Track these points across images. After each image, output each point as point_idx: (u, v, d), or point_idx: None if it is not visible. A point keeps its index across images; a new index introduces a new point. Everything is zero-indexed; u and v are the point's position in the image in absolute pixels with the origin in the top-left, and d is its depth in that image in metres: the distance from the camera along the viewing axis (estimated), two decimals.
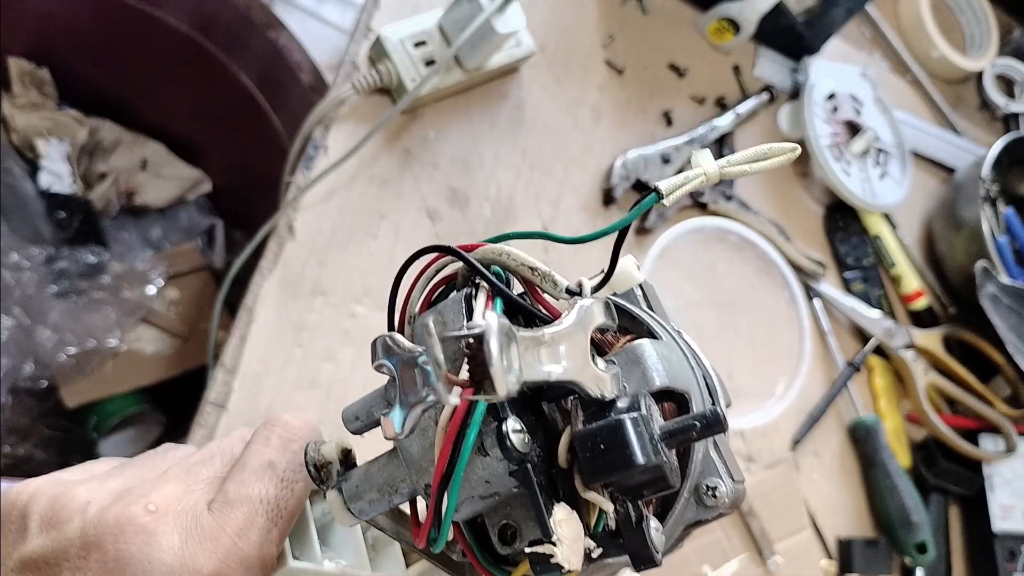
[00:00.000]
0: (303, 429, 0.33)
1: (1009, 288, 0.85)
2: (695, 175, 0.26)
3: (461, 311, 0.27)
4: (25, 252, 1.00)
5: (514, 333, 0.23)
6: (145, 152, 1.16)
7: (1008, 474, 0.85)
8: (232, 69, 1.01)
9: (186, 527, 0.29)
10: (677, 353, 0.28)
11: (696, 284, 0.79)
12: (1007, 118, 1.08)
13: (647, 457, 0.23)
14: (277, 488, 0.30)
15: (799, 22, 0.88)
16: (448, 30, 0.69)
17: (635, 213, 0.26)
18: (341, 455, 0.30)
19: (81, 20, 1.01)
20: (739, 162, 0.27)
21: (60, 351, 0.98)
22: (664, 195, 0.26)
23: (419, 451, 0.27)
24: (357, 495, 0.29)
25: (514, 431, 0.24)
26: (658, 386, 0.26)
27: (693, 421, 0.24)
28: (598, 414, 0.25)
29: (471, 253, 0.28)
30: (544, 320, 0.28)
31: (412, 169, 0.71)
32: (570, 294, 0.28)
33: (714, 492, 0.27)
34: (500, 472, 0.25)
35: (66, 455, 1.04)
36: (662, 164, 0.80)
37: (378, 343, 0.25)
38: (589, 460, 0.24)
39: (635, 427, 0.24)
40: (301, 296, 0.64)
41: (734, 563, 0.73)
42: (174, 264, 1.10)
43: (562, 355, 0.25)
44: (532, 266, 0.28)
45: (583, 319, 0.26)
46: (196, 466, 0.31)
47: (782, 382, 0.76)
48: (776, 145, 0.27)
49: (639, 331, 0.29)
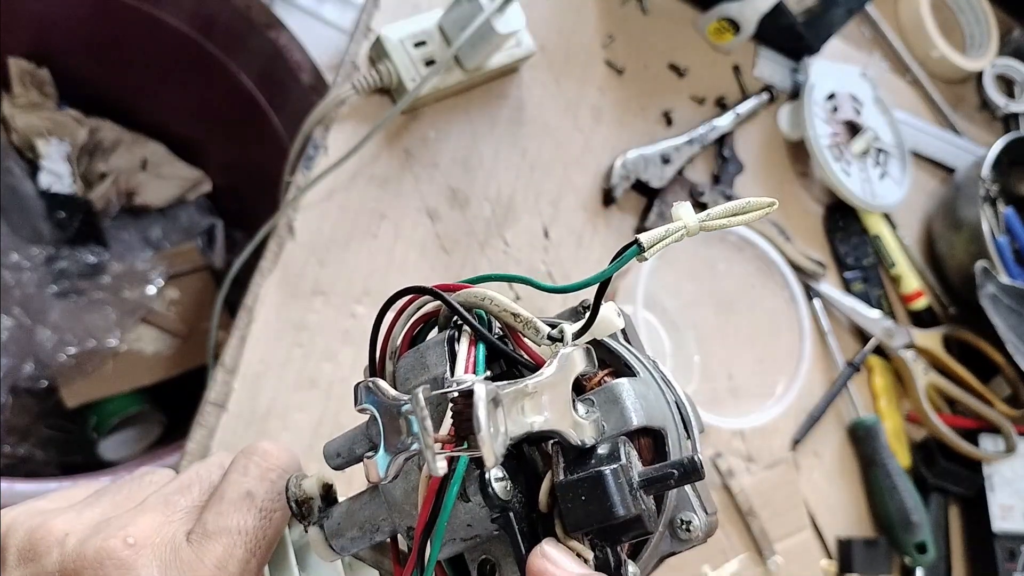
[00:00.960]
0: (281, 457, 0.33)
1: (1009, 288, 0.85)
2: (675, 228, 0.27)
3: (444, 354, 0.27)
4: (25, 252, 1.00)
5: (500, 396, 0.23)
6: (145, 152, 1.16)
7: (1008, 474, 0.85)
8: (232, 69, 1.01)
9: (165, 560, 0.28)
10: (654, 388, 0.29)
11: (696, 284, 0.79)
12: (1007, 118, 1.08)
13: (627, 508, 0.24)
14: (256, 519, 0.30)
15: (799, 22, 0.88)
16: (448, 30, 0.69)
17: (616, 266, 0.27)
18: (322, 490, 0.30)
19: (81, 20, 1.01)
20: (718, 215, 0.27)
21: (60, 351, 0.98)
22: (645, 248, 0.26)
23: (402, 494, 0.27)
24: (338, 532, 0.29)
25: (496, 479, 0.25)
26: (635, 426, 0.27)
27: (671, 470, 0.25)
28: (579, 461, 0.25)
29: (453, 295, 0.28)
30: (526, 366, 0.28)
31: (412, 169, 0.71)
32: (551, 340, 0.28)
33: (688, 526, 0.27)
34: (482, 517, 0.26)
35: (66, 455, 1.04)
36: (662, 164, 0.80)
37: (361, 387, 0.25)
38: (570, 511, 0.25)
39: (615, 479, 0.24)
40: (301, 296, 0.64)
41: (734, 563, 0.73)
42: (174, 264, 1.10)
43: (544, 405, 0.25)
44: (515, 312, 0.28)
45: (564, 367, 0.26)
46: (174, 495, 0.31)
47: (782, 382, 0.76)
48: (755, 200, 0.27)
49: (617, 364, 0.30)
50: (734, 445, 0.77)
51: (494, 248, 0.72)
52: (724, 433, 0.77)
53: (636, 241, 0.26)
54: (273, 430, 0.61)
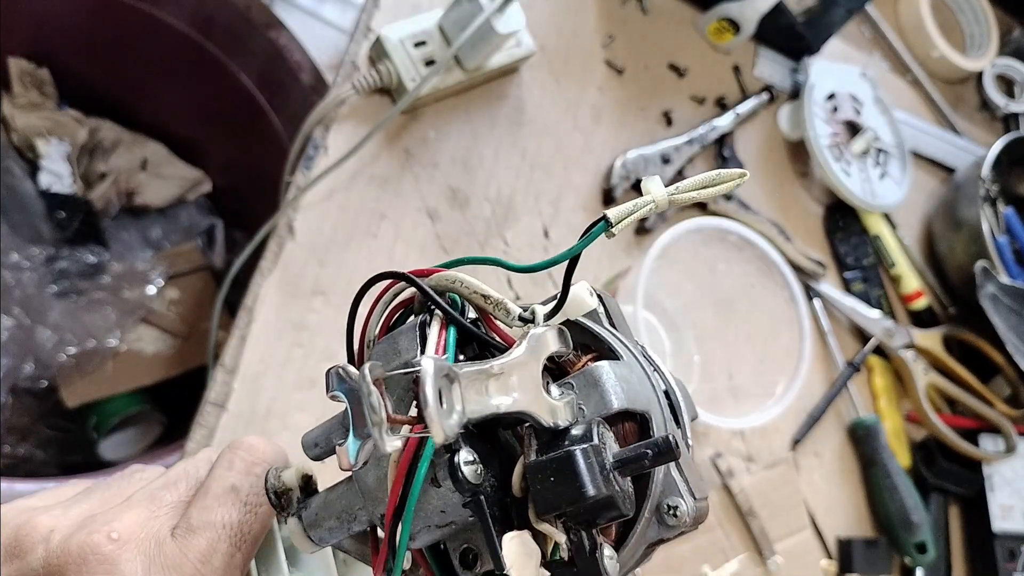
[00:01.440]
0: (267, 451, 0.33)
1: (1009, 288, 0.85)
2: (644, 202, 0.27)
3: (415, 339, 0.27)
4: (25, 252, 1.00)
5: (455, 373, 0.23)
6: (145, 152, 1.16)
7: (1008, 474, 0.85)
8: (232, 69, 1.01)
9: (149, 555, 0.28)
10: (638, 372, 0.28)
11: (696, 284, 0.79)
12: (1007, 118, 1.08)
13: (597, 489, 0.24)
14: (240, 513, 0.30)
15: (799, 22, 0.88)
16: (448, 30, 0.69)
17: (584, 242, 0.26)
18: (302, 481, 0.30)
19: (81, 20, 1.01)
20: (688, 188, 0.27)
21: (60, 351, 0.98)
22: (613, 223, 0.26)
23: (374, 481, 0.27)
24: (316, 523, 0.29)
25: (466, 463, 0.25)
26: (616, 408, 0.26)
27: (645, 450, 0.25)
28: (552, 443, 0.25)
29: (426, 279, 0.28)
30: (498, 348, 0.28)
31: (412, 169, 0.71)
32: (523, 322, 0.28)
33: (675, 512, 0.27)
34: (455, 503, 0.25)
35: (66, 455, 1.04)
36: (662, 164, 0.80)
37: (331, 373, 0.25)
38: (540, 492, 0.24)
39: (586, 458, 0.24)
40: (301, 296, 0.64)
41: (734, 563, 0.73)
42: (174, 264, 1.10)
43: (513, 386, 0.25)
44: (485, 294, 0.28)
45: (535, 348, 0.26)
46: (160, 491, 0.31)
47: (782, 382, 0.76)
48: (724, 171, 0.27)
49: (600, 349, 0.29)
50: (734, 445, 0.77)
51: (494, 248, 0.72)
52: (724, 433, 0.77)
53: (604, 217, 0.26)
54: (273, 430, 0.61)
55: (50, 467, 1.02)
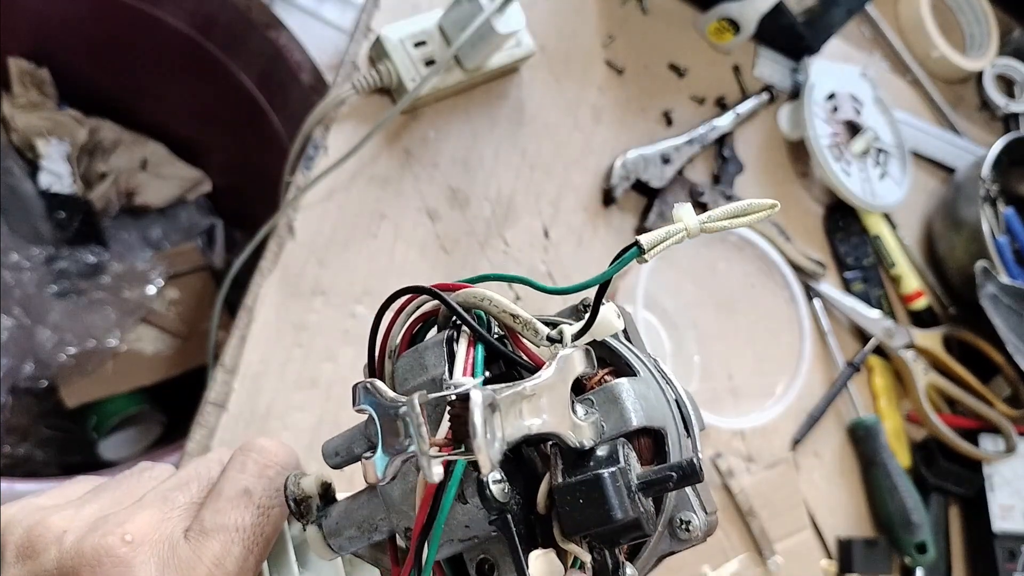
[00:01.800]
0: (279, 454, 0.33)
1: (1009, 288, 0.85)
2: (676, 230, 0.27)
3: (442, 355, 0.27)
4: (25, 252, 1.00)
5: (497, 402, 0.23)
6: (145, 152, 1.16)
7: (1008, 474, 0.85)
8: (232, 69, 1.01)
9: (163, 557, 0.29)
10: (654, 387, 0.29)
11: (696, 284, 0.79)
12: (1007, 118, 1.08)
13: (625, 513, 0.24)
14: (253, 516, 0.30)
15: (799, 22, 0.88)
16: (448, 30, 0.69)
17: (616, 268, 0.26)
18: (321, 489, 0.30)
19: (81, 20, 1.01)
20: (719, 217, 0.27)
21: (60, 351, 0.98)
22: (645, 250, 0.26)
23: (400, 495, 0.27)
24: (337, 531, 0.29)
25: (494, 482, 0.25)
26: (635, 426, 0.27)
27: (670, 472, 0.25)
28: (577, 463, 0.25)
29: (452, 295, 0.28)
30: (525, 367, 0.28)
31: (412, 169, 0.71)
32: (551, 342, 0.28)
33: (687, 526, 0.27)
34: (480, 519, 0.26)
35: (66, 455, 1.04)
36: (662, 164, 0.80)
37: (359, 388, 0.25)
38: (568, 514, 0.24)
39: (614, 482, 0.24)
40: (301, 296, 0.64)
41: (734, 563, 0.73)
42: (174, 264, 1.10)
43: (543, 407, 0.25)
44: (514, 313, 0.28)
45: (563, 369, 0.26)
46: (172, 492, 0.31)
47: (782, 382, 0.76)
48: (756, 202, 0.27)
49: (617, 364, 0.29)
50: (734, 445, 0.77)
51: (494, 248, 0.72)
52: (724, 433, 0.77)
53: (637, 243, 0.26)
54: (273, 430, 0.61)
55: (50, 467, 1.02)
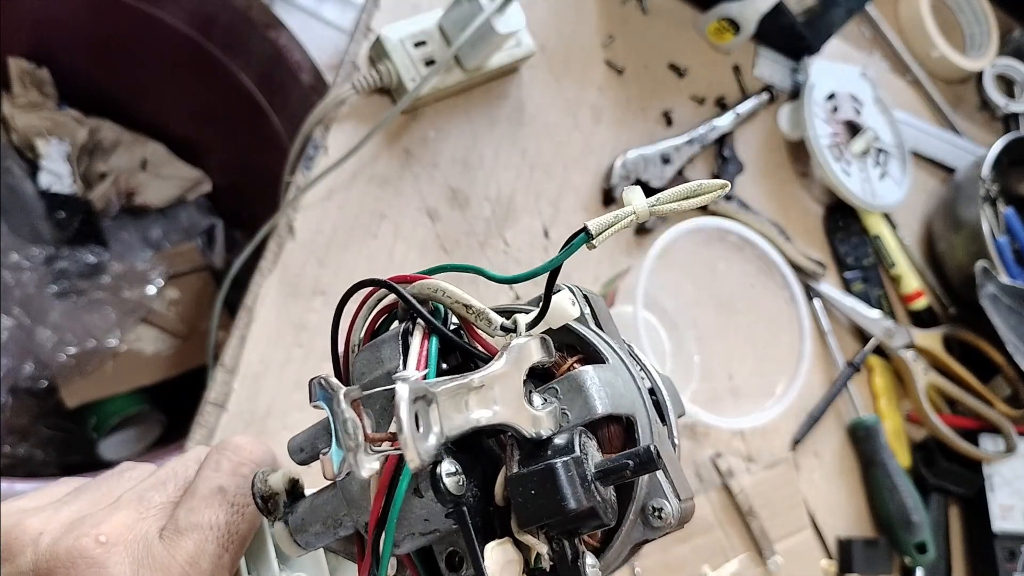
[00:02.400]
0: (254, 452, 0.33)
1: (1009, 288, 0.85)
2: (625, 213, 0.27)
3: (398, 348, 0.27)
4: (25, 252, 1.00)
5: (433, 393, 0.23)
6: (145, 152, 1.16)
7: (1008, 474, 0.85)
8: (232, 69, 1.01)
9: (137, 557, 0.29)
10: (623, 375, 0.28)
11: (696, 284, 0.79)
12: (1007, 118, 1.08)
13: (578, 502, 0.24)
14: (227, 513, 0.30)
15: (799, 22, 0.88)
16: (448, 30, 0.69)
17: (565, 254, 0.27)
18: (288, 485, 0.30)
19: (81, 20, 1.01)
20: (668, 199, 0.27)
21: (60, 351, 0.98)
22: (594, 235, 0.26)
23: (358, 490, 0.27)
24: (303, 527, 0.29)
25: (448, 474, 0.25)
26: (600, 414, 0.26)
27: (626, 460, 0.25)
28: (533, 453, 0.25)
29: (408, 287, 0.28)
30: (481, 358, 0.28)
31: (412, 169, 0.71)
32: (505, 331, 0.28)
33: (660, 513, 0.27)
34: (438, 512, 0.26)
35: (66, 455, 1.04)
36: (662, 164, 0.80)
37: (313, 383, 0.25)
38: (522, 505, 0.24)
39: (567, 471, 0.24)
40: (301, 296, 0.64)
41: (734, 563, 0.73)
42: (174, 264, 1.10)
43: (494, 398, 0.25)
44: (467, 303, 0.28)
45: (517, 359, 0.26)
46: (149, 492, 0.31)
47: (782, 382, 0.76)
48: (706, 182, 0.27)
49: (586, 352, 0.29)
50: (734, 445, 0.77)
51: (494, 248, 0.72)
52: (724, 433, 0.77)
53: (585, 228, 0.26)
54: (273, 430, 0.61)
55: (50, 467, 1.02)
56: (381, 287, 0.28)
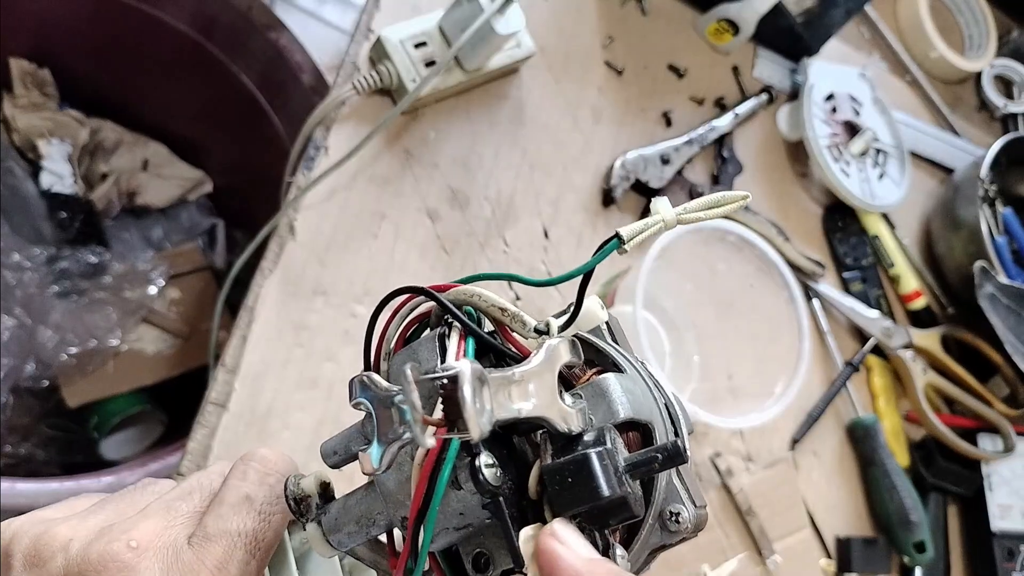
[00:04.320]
0: (280, 463, 0.33)
1: (1007, 288, 0.86)
2: (654, 221, 0.28)
3: (435, 350, 0.28)
4: (27, 252, 1.01)
5: (486, 376, 0.24)
6: (146, 152, 1.16)
7: (1006, 473, 0.85)
8: (233, 70, 1.01)
9: (167, 562, 0.29)
10: (641, 385, 0.30)
11: (696, 284, 0.79)
12: (1005, 118, 1.08)
13: (612, 489, 0.25)
14: (255, 521, 0.31)
15: (798, 23, 0.88)
16: (448, 31, 0.69)
17: (598, 258, 0.28)
18: (320, 488, 0.31)
19: (82, 21, 1.02)
20: (694, 209, 0.28)
21: (61, 351, 0.98)
22: (625, 241, 0.28)
23: (395, 485, 0.28)
24: (336, 527, 0.30)
25: (487, 466, 0.26)
26: (622, 418, 0.27)
27: (655, 453, 0.26)
28: (566, 448, 0.26)
29: (444, 294, 0.29)
30: (514, 358, 0.29)
31: (412, 169, 0.71)
32: (538, 333, 0.29)
33: (677, 518, 0.28)
34: (473, 505, 0.26)
35: (67, 455, 1.04)
36: (661, 164, 0.80)
37: (355, 382, 0.26)
38: (557, 493, 0.25)
39: (600, 460, 0.25)
40: (302, 296, 0.65)
41: (733, 562, 0.73)
42: (175, 264, 1.11)
43: (531, 392, 0.26)
44: (502, 307, 0.29)
45: (550, 358, 0.27)
46: (176, 501, 0.32)
47: (781, 382, 0.76)
48: (729, 194, 0.29)
49: (605, 364, 0.30)
50: (733, 445, 0.77)
51: (494, 248, 0.73)
52: (723, 433, 0.77)
53: (617, 234, 0.28)
54: (274, 430, 0.61)
55: (51, 467, 1.03)
56: (419, 294, 0.29)
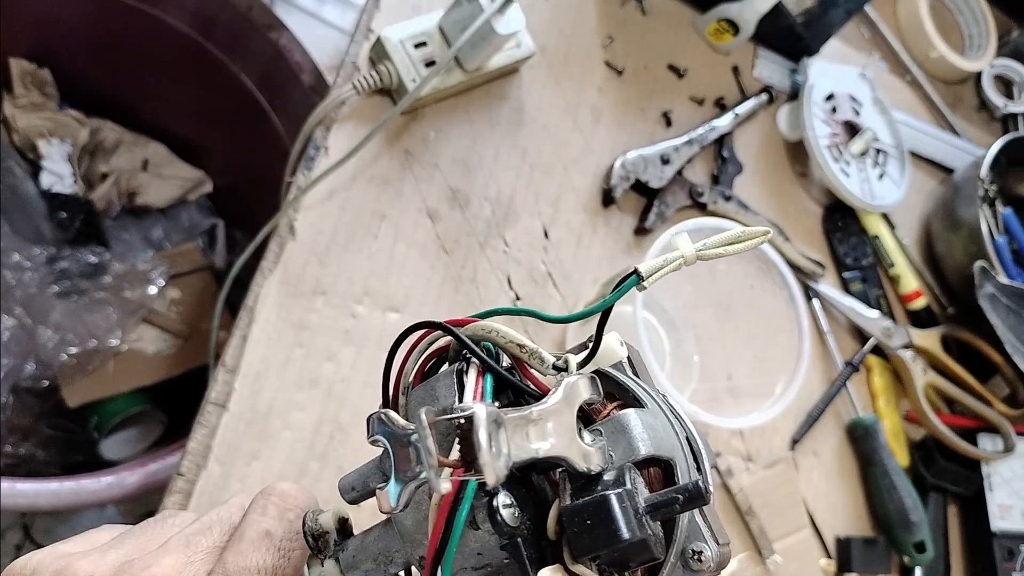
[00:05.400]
0: (299, 497, 0.33)
1: (1007, 288, 0.86)
2: (674, 258, 0.28)
3: (453, 386, 0.28)
4: (27, 252, 1.01)
5: (502, 419, 0.24)
6: (146, 152, 1.16)
7: (1006, 473, 0.85)
8: (233, 70, 1.01)
9: None
10: (662, 420, 0.29)
11: (696, 284, 0.79)
12: (1005, 118, 1.08)
13: (632, 532, 0.24)
14: (275, 558, 0.31)
15: (798, 23, 0.88)
16: (448, 31, 0.69)
17: (617, 295, 0.28)
18: (338, 524, 0.31)
19: (82, 21, 1.02)
20: (715, 245, 0.29)
21: (62, 351, 0.98)
22: (644, 278, 0.28)
23: (413, 524, 0.28)
24: (354, 565, 0.30)
25: (504, 506, 0.25)
26: (643, 455, 0.27)
27: (676, 495, 0.25)
28: (585, 487, 0.26)
29: (462, 329, 0.29)
30: (532, 395, 0.29)
31: (412, 169, 0.71)
32: (556, 370, 0.29)
33: (700, 556, 0.28)
34: (492, 545, 0.26)
35: (67, 455, 1.04)
36: (661, 164, 0.80)
37: (373, 419, 0.26)
38: (576, 535, 0.25)
39: (620, 503, 0.25)
40: (302, 296, 0.65)
41: (733, 562, 0.73)
42: (175, 264, 1.11)
43: (549, 432, 0.26)
44: (520, 343, 0.29)
45: (569, 396, 0.27)
46: (195, 536, 0.32)
47: (781, 382, 0.76)
48: (749, 230, 0.29)
49: (625, 398, 0.30)
50: (733, 445, 0.77)
51: (494, 248, 0.73)
52: (723, 433, 0.77)
53: (636, 271, 0.28)
54: (274, 430, 0.61)
55: (51, 467, 1.03)
56: (436, 329, 0.29)
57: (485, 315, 0.29)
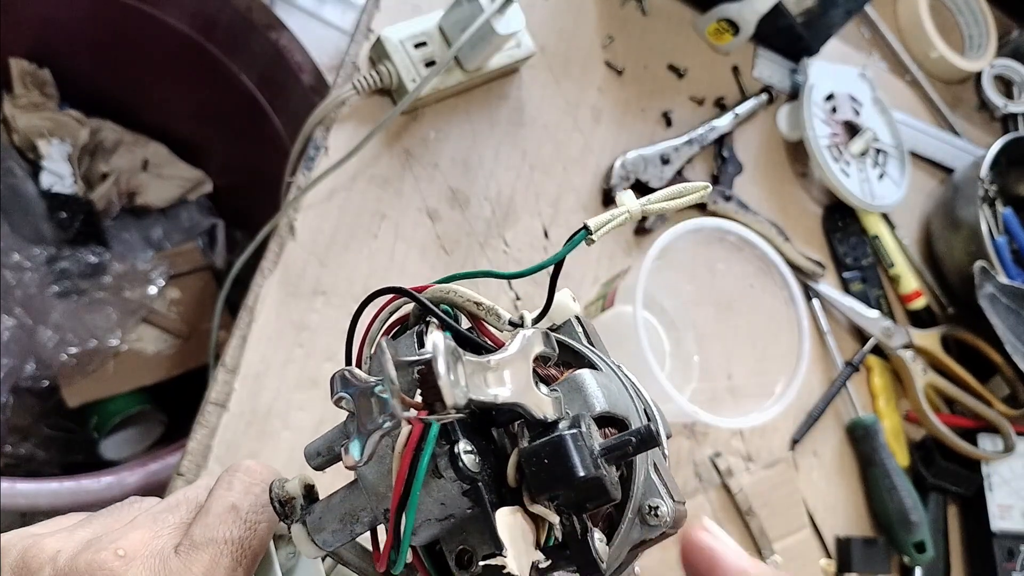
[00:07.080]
0: (264, 472, 0.34)
1: (1007, 288, 0.86)
2: (619, 212, 0.30)
3: (413, 345, 0.29)
4: (27, 252, 1.01)
5: (460, 354, 0.25)
6: (146, 152, 1.16)
7: (1006, 473, 0.85)
8: (233, 70, 1.01)
9: (154, 570, 0.29)
10: (616, 383, 0.30)
11: (695, 284, 0.79)
12: (1005, 118, 1.08)
13: (587, 470, 0.25)
14: (241, 529, 0.31)
15: (798, 23, 0.88)
16: (448, 31, 0.69)
17: (567, 249, 0.30)
18: (304, 491, 0.31)
19: (82, 21, 1.02)
20: (657, 200, 0.31)
21: (61, 351, 0.98)
22: (593, 232, 0.29)
23: (377, 477, 0.28)
24: (320, 527, 0.30)
25: (465, 452, 0.26)
26: (598, 411, 0.28)
27: (629, 437, 0.26)
28: (542, 434, 0.27)
29: (422, 293, 0.30)
30: (490, 351, 0.30)
31: (412, 169, 0.71)
32: (513, 326, 0.30)
33: (656, 511, 0.28)
34: (454, 493, 0.27)
35: (67, 455, 1.04)
36: (661, 164, 0.80)
37: (336, 377, 0.26)
38: (534, 474, 0.26)
39: (575, 442, 0.26)
40: (302, 296, 0.65)
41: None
42: (175, 264, 1.11)
43: (507, 379, 0.27)
44: (477, 301, 0.30)
45: (525, 347, 0.28)
46: (163, 513, 0.32)
47: (781, 382, 0.76)
48: (689, 184, 0.31)
49: (580, 364, 0.31)
50: (733, 445, 0.77)
51: (494, 248, 0.73)
52: (723, 433, 0.77)
53: (585, 226, 0.29)
54: (274, 430, 0.61)
55: (51, 467, 1.03)
56: (397, 294, 0.30)
57: (444, 280, 0.30)
